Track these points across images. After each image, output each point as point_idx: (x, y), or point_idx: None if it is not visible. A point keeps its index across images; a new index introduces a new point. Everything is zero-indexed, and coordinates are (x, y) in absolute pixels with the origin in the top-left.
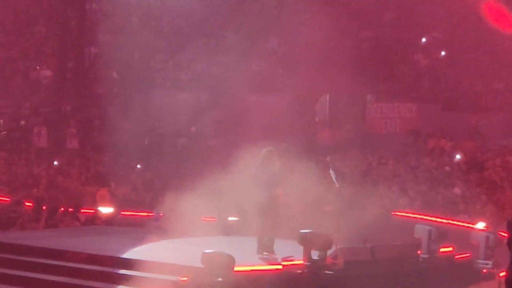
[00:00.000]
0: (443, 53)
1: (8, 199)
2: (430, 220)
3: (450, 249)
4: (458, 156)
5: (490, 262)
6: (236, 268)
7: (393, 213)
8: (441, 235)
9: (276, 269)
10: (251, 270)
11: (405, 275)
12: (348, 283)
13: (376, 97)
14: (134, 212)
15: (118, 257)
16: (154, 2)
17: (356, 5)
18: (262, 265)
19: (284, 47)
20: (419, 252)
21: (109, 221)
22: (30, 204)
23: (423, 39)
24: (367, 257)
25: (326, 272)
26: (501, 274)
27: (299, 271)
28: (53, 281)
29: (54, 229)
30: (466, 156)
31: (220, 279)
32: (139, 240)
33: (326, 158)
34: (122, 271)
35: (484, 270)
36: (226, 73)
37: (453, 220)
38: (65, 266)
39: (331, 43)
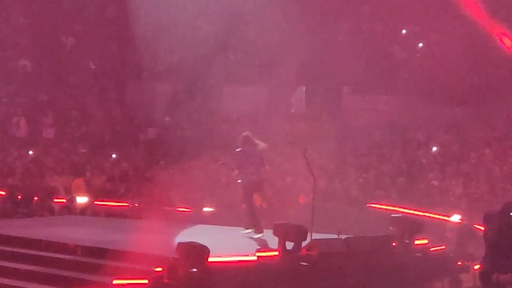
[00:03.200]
0: (420, 45)
1: None
2: (406, 212)
3: (425, 241)
4: (434, 148)
5: (465, 255)
6: (210, 259)
7: (368, 205)
8: (416, 227)
9: (251, 260)
10: (226, 261)
11: (380, 267)
12: (323, 274)
13: (352, 89)
14: (109, 202)
15: (93, 246)
16: None
17: None
18: (236, 256)
19: (260, 38)
20: (393, 244)
21: (84, 211)
22: (4, 193)
23: (403, 31)
24: (342, 248)
25: (301, 263)
26: (476, 267)
27: (273, 263)
28: (27, 270)
29: (29, 218)
30: (442, 148)
31: (194, 270)
32: (114, 229)
33: (302, 150)
34: (96, 261)
35: (459, 263)
36: (202, 64)
37: (428, 213)
38: (40, 255)
39: (307, 34)
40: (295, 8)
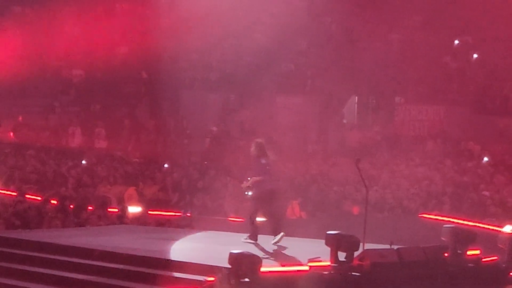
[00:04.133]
0: (475, 55)
1: (40, 198)
2: (458, 222)
3: (477, 252)
4: (485, 159)
5: None
6: (262, 269)
7: (420, 215)
8: (469, 237)
9: (303, 270)
10: (278, 271)
11: (432, 277)
12: (375, 285)
13: (404, 99)
14: (161, 211)
15: (145, 256)
16: (183, 3)
17: (385, 7)
18: (289, 266)
19: (313, 49)
20: (446, 254)
21: (136, 220)
22: (56, 203)
23: (456, 41)
24: (394, 259)
25: (353, 273)
26: None
27: (325, 272)
28: (81, 279)
29: (82, 227)
30: (494, 158)
31: (246, 280)
32: (166, 239)
33: (354, 161)
34: (148, 270)
35: (511, 274)
36: (254, 74)
37: (480, 223)
38: (92, 264)
39: (360, 45)
40: (346, 20)
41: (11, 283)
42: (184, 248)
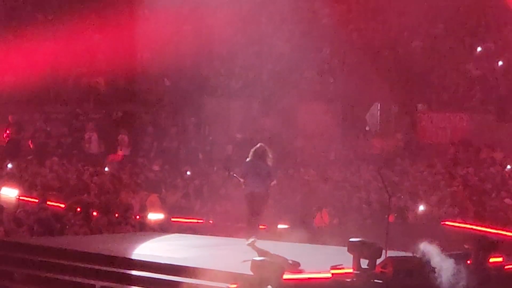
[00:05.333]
0: (500, 63)
1: (63, 205)
2: (480, 230)
3: (500, 259)
4: (508, 167)
5: None
6: (285, 276)
7: (443, 222)
8: (491, 245)
9: (326, 277)
10: (300, 278)
11: (454, 285)
12: None
13: (427, 106)
14: (184, 218)
15: (167, 263)
16: (206, 10)
17: (408, 15)
18: (311, 273)
19: (336, 56)
20: (468, 261)
21: (158, 227)
22: (79, 210)
23: (479, 49)
24: (416, 266)
25: (376, 281)
26: None
27: (348, 280)
28: (103, 286)
29: (104, 234)
30: None
31: (269, 287)
32: (188, 246)
33: (377, 167)
34: (171, 278)
35: None
36: (277, 81)
37: (502, 230)
38: (115, 271)
39: (383, 52)
40: (367, 26)
41: None
42: (207, 255)
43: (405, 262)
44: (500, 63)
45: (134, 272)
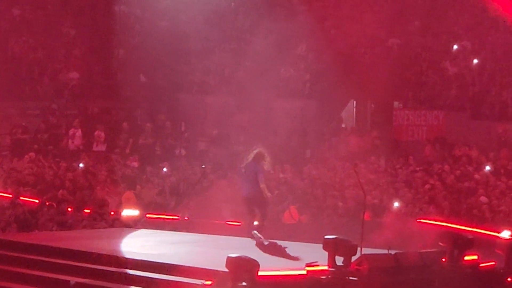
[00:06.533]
0: (475, 61)
1: (37, 201)
2: (455, 227)
3: (475, 257)
4: (488, 167)
5: None
6: (260, 273)
7: (418, 220)
8: (466, 243)
9: (300, 274)
10: (275, 275)
11: (430, 282)
12: None
13: (403, 104)
14: (159, 215)
15: (142, 260)
16: (182, 6)
17: (384, 12)
18: (286, 270)
19: (312, 53)
20: (443, 259)
21: (134, 223)
22: (54, 206)
23: (455, 47)
24: (392, 264)
25: (350, 278)
26: None
27: (323, 277)
28: (78, 283)
29: (77, 230)
30: (492, 164)
31: (244, 284)
32: (163, 243)
33: (352, 165)
34: (146, 274)
35: (509, 279)
36: (253, 78)
37: (478, 229)
38: (90, 267)
39: (359, 50)
40: (344, 25)
41: (7, 285)
42: (182, 252)
43: (380, 259)
44: (476, 61)
45: (108, 268)
